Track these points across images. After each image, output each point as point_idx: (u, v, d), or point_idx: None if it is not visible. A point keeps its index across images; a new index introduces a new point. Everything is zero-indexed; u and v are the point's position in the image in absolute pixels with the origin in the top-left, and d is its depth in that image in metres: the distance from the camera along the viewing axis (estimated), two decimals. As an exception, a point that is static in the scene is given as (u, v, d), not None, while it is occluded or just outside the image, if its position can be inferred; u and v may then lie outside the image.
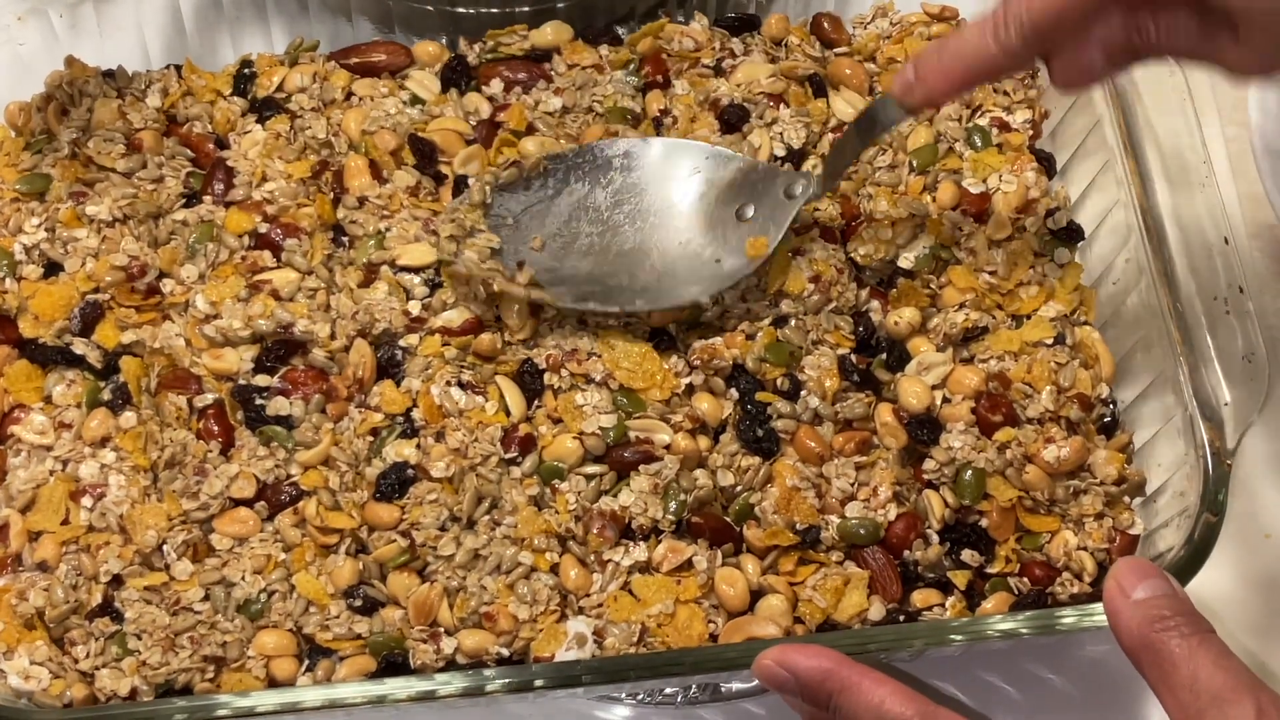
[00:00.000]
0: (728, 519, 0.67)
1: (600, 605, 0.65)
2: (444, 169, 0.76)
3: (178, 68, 0.81)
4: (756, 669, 0.59)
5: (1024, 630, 0.62)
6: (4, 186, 0.75)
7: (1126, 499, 0.68)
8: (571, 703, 0.74)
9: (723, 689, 0.74)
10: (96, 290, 0.72)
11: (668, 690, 0.74)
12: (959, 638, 0.62)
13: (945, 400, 0.69)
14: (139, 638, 0.64)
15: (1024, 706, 0.73)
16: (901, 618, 0.65)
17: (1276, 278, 0.85)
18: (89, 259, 0.73)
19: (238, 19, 0.83)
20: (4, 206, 0.75)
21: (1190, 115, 0.71)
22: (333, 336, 0.70)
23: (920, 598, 0.66)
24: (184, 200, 0.76)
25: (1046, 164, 0.77)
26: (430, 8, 0.81)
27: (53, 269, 0.73)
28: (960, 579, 0.66)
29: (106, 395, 0.70)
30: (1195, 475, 0.65)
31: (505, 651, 0.64)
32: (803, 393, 0.69)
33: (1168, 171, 0.71)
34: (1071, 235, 0.75)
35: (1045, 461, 0.67)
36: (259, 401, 0.69)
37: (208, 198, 0.76)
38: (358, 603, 0.65)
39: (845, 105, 0.78)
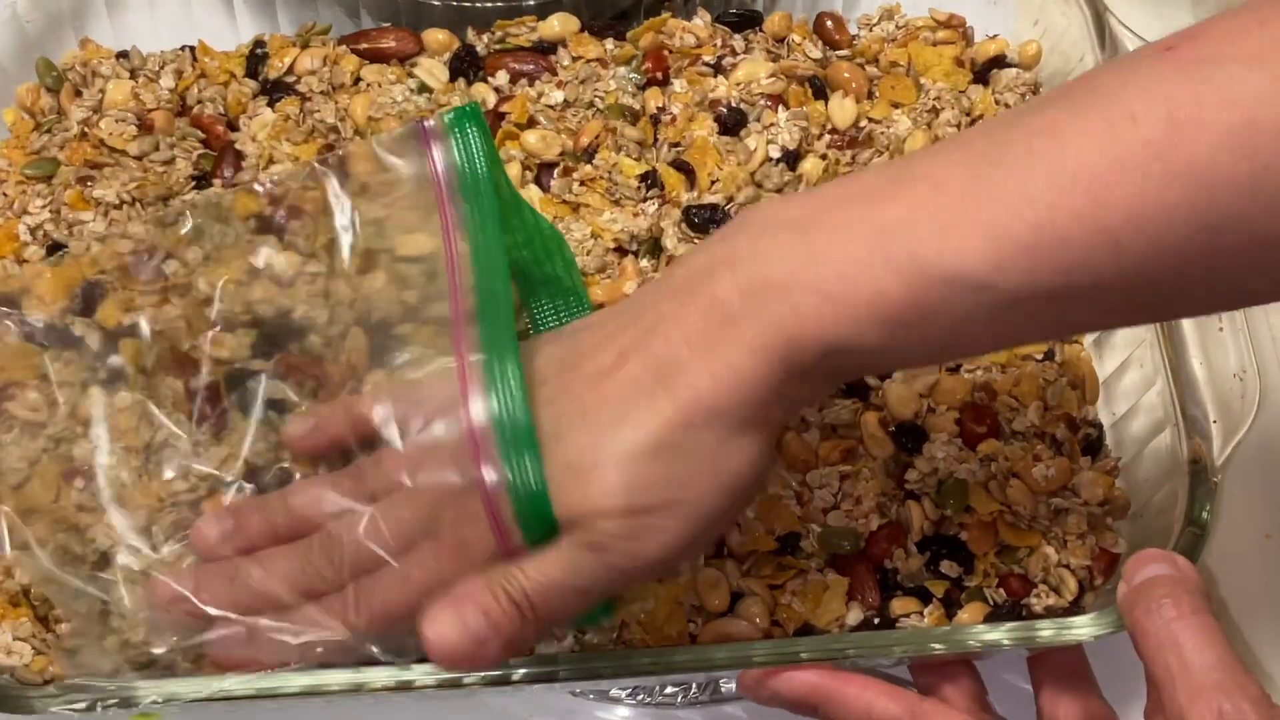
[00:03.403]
0: (710, 521, 0.67)
1: (581, 601, 0.66)
2: (448, 159, 0.77)
3: (191, 49, 0.81)
4: (741, 688, 0.61)
5: (1005, 641, 0.62)
6: (11, 169, 0.76)
7: (1110, 519, 0.68)
8: (573, 703, 0.74)
9: (723, 688, 0.74)
10: (101, 274, 0.72)
11: (668, 690, 0.74)
12: (939, 646, 0.62)
13: (930, 410, 0.69)
14: (123, 617, 0.65)
15: None
16: (878, 622, 0.65)
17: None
18: (94, 243, 0.73)
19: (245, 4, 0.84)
20: (10, 189, 0.76)
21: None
22: (330, 323, 0.71)
23: (899, 605, 0.66)
24: (194, 182, 0.76)
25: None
26: (437, 2, 0.81)
27: (56, 250, 0.74)
28: (938, 589, 0.66)
29: (103, 375, 0.70)
30: (1181, 491, 0.64)
31: (486, 644, 0.65)
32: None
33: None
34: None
35: (1033, 479, 0.67)
36: (253, 385, 0.69)
37: (217, 180, 0.76)
38: (344, 590, 0.66)
39: (842, 110, 0.78)
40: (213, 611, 0.60)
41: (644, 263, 0.73)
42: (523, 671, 0.61)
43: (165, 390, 0.69)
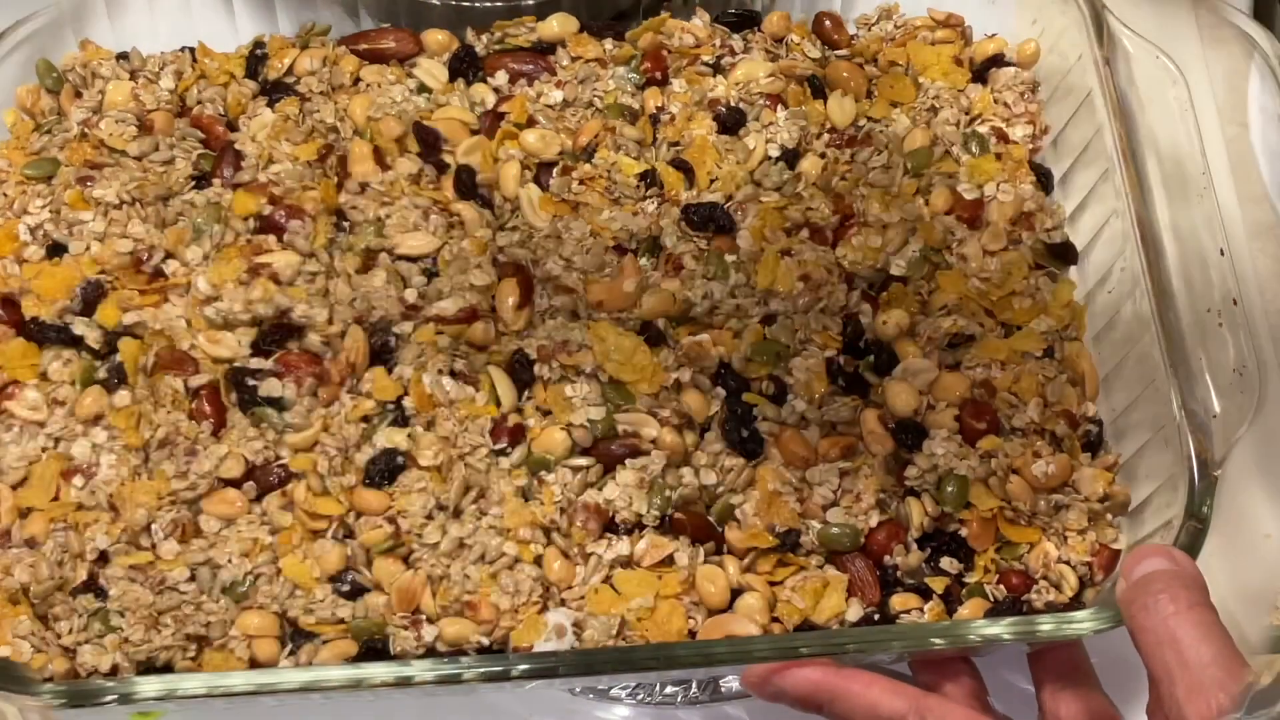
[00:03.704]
0: (710, 518, 0.67)
1: (582, 598, 0.65)
2: (446, 158, 0.77)
3: (191, 50, 0.81)
4: (745, 685, 0.61)
5: (1005, 635, 0.62)
6: (11, 169, 0.76)
7: (1110, 515, 0.68)
8: (573, 702, 0.74)
9: (723, 688, 0.74)
10: (101, 273, 0.73)
11: (668, 689, 0.74)
12: (940, 641, 0.62)
13: (930, 406, 0.69)
14: (122, 615, 0.65)
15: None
16: (878, 618, 0.65)
17: (1277, 278, 0.84)
18: (94, 242, 0.73)
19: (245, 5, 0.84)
20: (10, 189, 0.76)
21: (1191, 125, 0.71)
22: (330, 322, 0.71)
23: (899, 601, 0.66)
24: (194, 182, 0.76)
25: (1044, 179, 0.77)
26: (436, 2, 0.81)
27: (56, 250, 0.74)
28: (938, 585, 0.66)
29: (102, 374, 0.70)
30: (1181, 486, 0.64)
31: (485, 641, 0.64)
32: (789, 396, 0.69)
33: (1167, 182, 0.70)
34: (1066, 254, 0.75)
35: (1032, 475, 0.67)
36: (252, 383, 0.69)
37: (217, 180, 0.76)
38: (345, 587, 0.66)
39: (841, 109, 0.78)
40: None
41: (643, 261, 0.73)
42: (523, 668, 0.61)
43: (165, 390, 0.70)
